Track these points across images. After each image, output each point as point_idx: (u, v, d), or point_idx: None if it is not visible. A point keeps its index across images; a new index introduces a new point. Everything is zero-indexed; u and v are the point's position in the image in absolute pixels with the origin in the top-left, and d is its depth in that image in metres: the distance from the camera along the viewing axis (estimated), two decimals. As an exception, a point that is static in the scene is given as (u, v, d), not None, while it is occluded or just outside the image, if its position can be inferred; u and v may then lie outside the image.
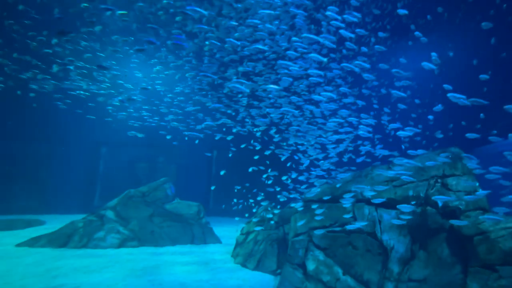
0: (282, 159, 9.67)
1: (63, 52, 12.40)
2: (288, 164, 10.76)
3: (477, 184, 5.51)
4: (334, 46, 6.75)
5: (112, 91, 14.70)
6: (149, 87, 11.88)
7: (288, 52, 7.05)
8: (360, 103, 8.46)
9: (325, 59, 6.26)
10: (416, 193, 5.61)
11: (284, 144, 10.52)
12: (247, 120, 12.32)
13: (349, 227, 5.61)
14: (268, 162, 11.07)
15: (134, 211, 10.11)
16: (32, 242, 8.71)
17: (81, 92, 13.99)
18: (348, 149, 9.10)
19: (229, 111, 13.30)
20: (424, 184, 5.68)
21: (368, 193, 5.90)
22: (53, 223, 12.27)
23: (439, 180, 5.61)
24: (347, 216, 5.90)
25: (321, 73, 6.58)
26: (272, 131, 10.64)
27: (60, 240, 8.78)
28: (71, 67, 12.72)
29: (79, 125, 16.69)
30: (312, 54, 6.31)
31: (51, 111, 15.27)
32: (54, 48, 11.82)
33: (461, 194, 5.35)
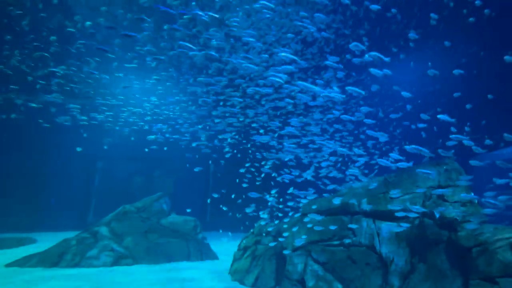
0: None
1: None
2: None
3: (473, 194, 5.52)
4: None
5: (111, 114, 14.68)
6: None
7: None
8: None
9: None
10: (413, 204, 5.60)
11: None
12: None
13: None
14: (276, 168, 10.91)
15: (129, 227, 9.89)
16: (23, 262, 8.44)
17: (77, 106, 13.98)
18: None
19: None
20: (420, 196, 5.68)
21: (366, 206, 5.87)
22: (45, 241, 11.93)
23: (435, 191, 5.61)
24: (345, 229, 5.84)
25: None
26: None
27: (52, 259, 8.52)
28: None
29: (74, 139, 16.51)
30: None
31: (46, 126, 15.13)
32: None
33: (457, 205, 5.35)
